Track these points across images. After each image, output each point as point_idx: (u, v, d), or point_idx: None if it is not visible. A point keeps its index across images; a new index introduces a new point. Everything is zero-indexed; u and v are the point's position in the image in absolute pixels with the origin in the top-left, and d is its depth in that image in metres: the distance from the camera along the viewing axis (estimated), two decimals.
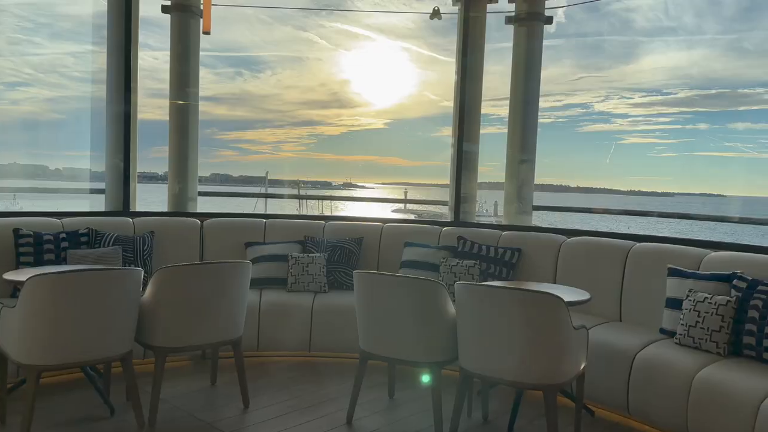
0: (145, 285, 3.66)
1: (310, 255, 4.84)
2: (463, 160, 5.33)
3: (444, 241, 5.00)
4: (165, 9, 5.51)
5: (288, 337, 4.50)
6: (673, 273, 3.80)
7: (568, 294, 3.56)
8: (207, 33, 3.67)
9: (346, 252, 4.96)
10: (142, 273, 3.36)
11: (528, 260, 4.64)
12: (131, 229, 4.91)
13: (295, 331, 4.51)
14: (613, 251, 4.32)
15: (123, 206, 5.28)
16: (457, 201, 5.33)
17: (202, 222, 5.13)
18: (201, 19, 5.58)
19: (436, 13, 5.54)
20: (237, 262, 3.48)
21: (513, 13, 5.28)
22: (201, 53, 5.67)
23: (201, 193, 5.71)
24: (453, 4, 5.46)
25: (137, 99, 5.41)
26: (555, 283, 4.49)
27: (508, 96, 5.41)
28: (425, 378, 3.80)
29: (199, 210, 5.66)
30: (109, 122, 5.26)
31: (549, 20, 5.19)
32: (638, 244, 4.24)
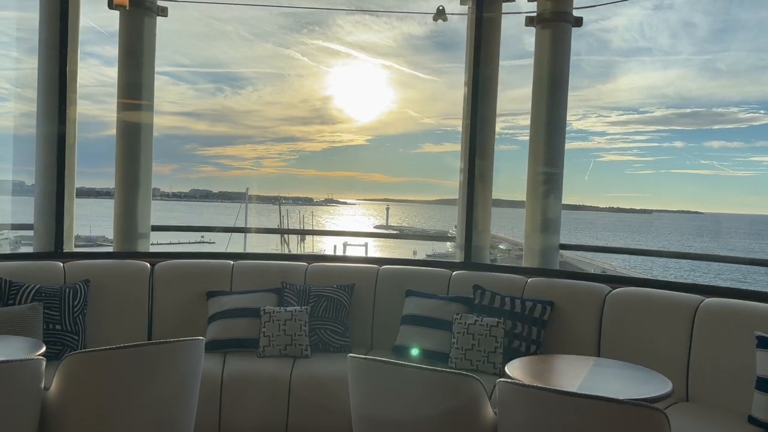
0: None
1: (288, 309, 3.84)
2: (475, 188, 4.41)
3: (455, 290, 4.04)
4: (112, 4, 4.52)
5: (258, 419, 3.50)
6: (766, 344, 2.89)
7: (638, 378, 2.63)
8: (121, 6, 2.73)
9: (333, 303, 3.97)
10: (44, 363, 2.34)
11: (562, 317, 3.71)
12: (61, 277, 3.87)
13: (268, 410, 3.50)
14: (675, 308, 3.40)
15: (54, 246, 4.23)
16: (468, 238, 4.39)
17: (152, 266, 4.11)
18: (157, 17, 4.62)
19: (440, 14, 4.65)
20: (181, 343, 2.48)
21: (534, 13, 4.41)
22: (181, 69, 4.78)
23: (155, 228, 4.68)
24: (461, 3, 4.58)
25: (76, 116, 4.40)
26: (600, 350, 3.56)
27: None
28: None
29: (151, 249, 4.62)
30: (39, 145, 4.24)
31: (578, 21, 4.33)
32: (708, 300, 3.34)
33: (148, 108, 4.57)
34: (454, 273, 4.15)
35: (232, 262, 4.24)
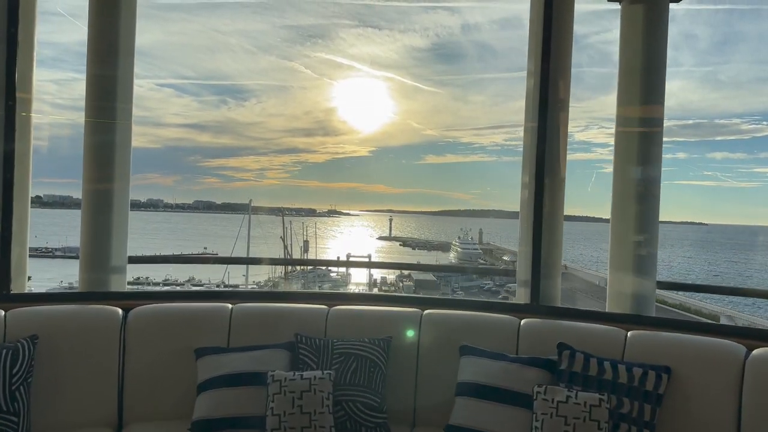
0: None
1: (305, 375, 2.83)
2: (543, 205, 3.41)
3: (528, 346, 3.03)
4: None
5: None
6: None
7: None
8: None
9: (365, 365, 2.96)
10: None
11: (682, 389, 2.69)
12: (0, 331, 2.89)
13: None
14: None
15: None
16: (536, 272, 3.39)
17: (126, 312, 3.12)
18: None
19: None
20: None
21: None
22: (185, 81, 3.80)
23: (134, 260, 3.68)
24: None
25: (31, 130, 3.45)
26: None
27: (494, 124, 3.53)
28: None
29: (127, 287, 3.60)
30: None
31: None
32: None
33: (125, 112, 3.56)
34: (523, 322, 3.14)
35: (230, 306, 3.25)
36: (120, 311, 3.11)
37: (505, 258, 40.13)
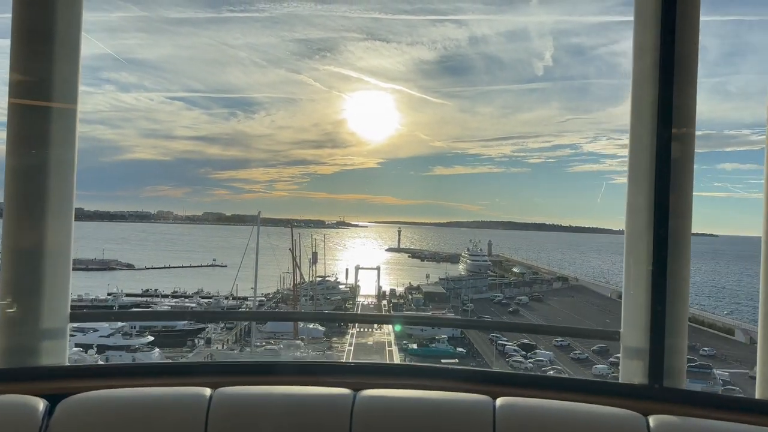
0: None
1: None
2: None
3: None
4: None
5: None
6: None
7: None
8: None
9: None
10: None
11: None
12: None
13: None
14: None
15: None
16: (659, 338, 2.30)
17: (52, 404, 2.07)
18: None
19: None
20: None
21: None
22: (195, 94, 2.87)
23: (77, 311, 2.61)
24: None
25: None
26: None
27: (501, 136, 2.47)
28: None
29: (63, 359, 2.51)
30: None
31: None
32: None
33: (65, 115, 2.50)
34: (652, 421, 2.05)
35: (207, 393, 2.18)
36: (42, 404, 2.06)
37: (514, 270, 39.10)
